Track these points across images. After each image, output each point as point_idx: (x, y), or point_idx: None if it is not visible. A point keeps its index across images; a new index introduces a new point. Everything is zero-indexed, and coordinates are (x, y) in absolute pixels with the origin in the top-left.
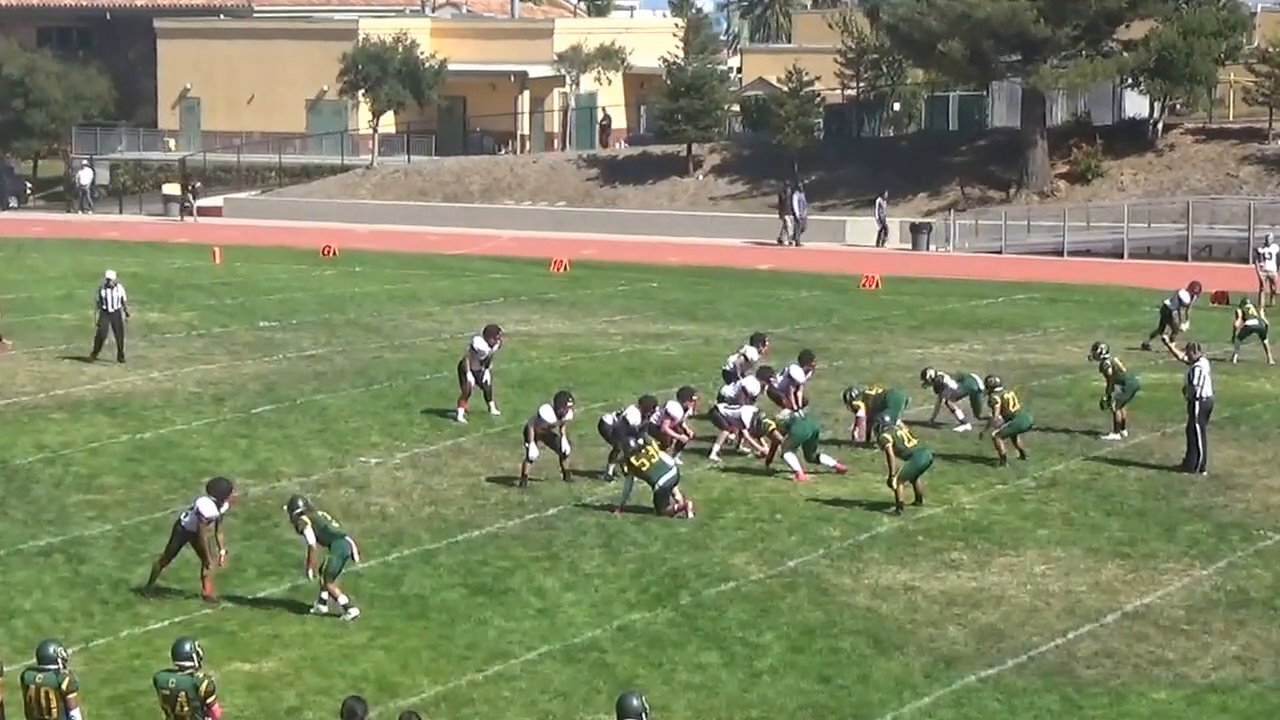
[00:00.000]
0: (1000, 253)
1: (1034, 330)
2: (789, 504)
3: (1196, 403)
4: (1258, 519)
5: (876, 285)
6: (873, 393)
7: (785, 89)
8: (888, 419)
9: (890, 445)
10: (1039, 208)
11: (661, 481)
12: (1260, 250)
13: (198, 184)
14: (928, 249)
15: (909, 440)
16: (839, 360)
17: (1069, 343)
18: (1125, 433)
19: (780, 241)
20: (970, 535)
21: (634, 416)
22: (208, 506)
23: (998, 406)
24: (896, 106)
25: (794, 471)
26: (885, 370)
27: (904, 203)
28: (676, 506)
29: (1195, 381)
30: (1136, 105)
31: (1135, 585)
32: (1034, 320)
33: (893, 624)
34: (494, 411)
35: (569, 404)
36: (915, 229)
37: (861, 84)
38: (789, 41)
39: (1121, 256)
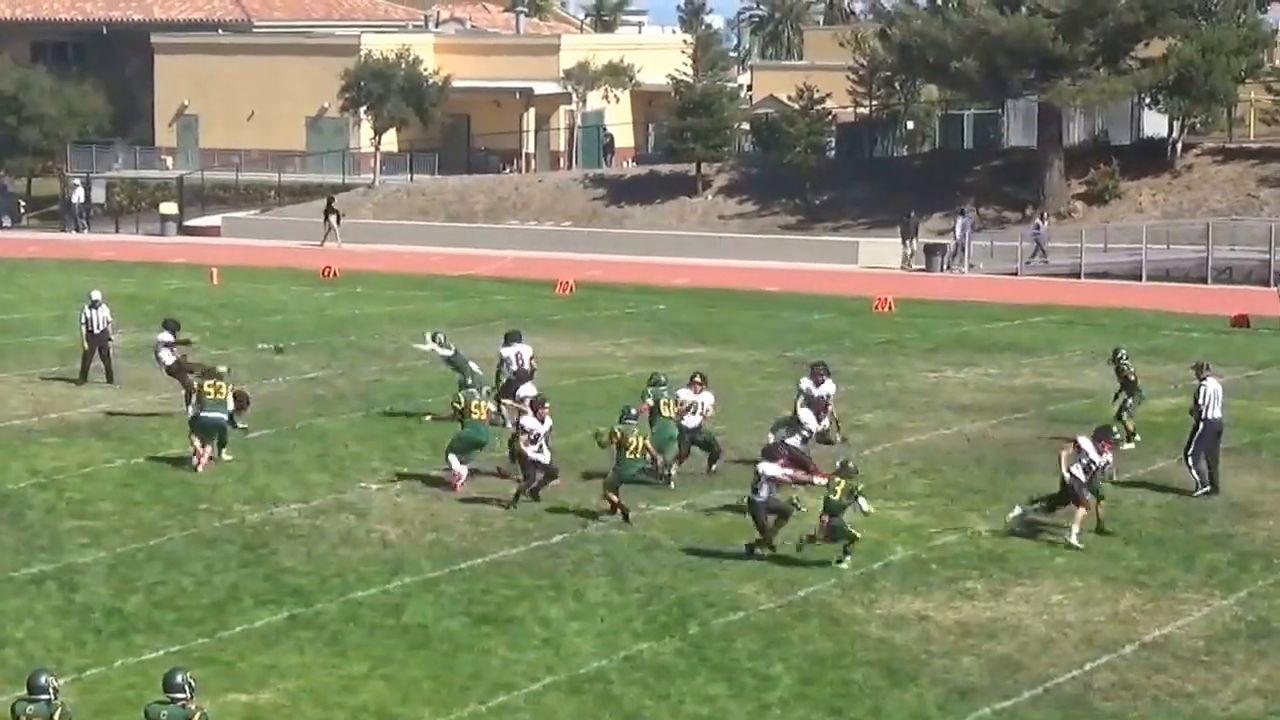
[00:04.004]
0: (1016, 274)
1: (1050, 354)
2: (799, 532)
3: (1203, 424)
4: (1279, 547)
5: (889, 308)
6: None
7: (796, 107)
8: None
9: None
10: (1056, 229)
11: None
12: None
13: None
14: (942, 270)
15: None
16: (852, 384)
17: (1086, 366)
18: (1139, 438)
19: (903, 267)
20: (985, 564)
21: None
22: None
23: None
24: (910, 125)
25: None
26: (900, 394)
27: (919, 223)
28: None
29: (1201, 401)
30: (1155, 125)
31: (1154, 615)
32: (1050, 343)
33: (906, 655)
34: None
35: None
36: (929, 250)
37: (874, 102)
38: (800, 58)
39: (1140, 279)
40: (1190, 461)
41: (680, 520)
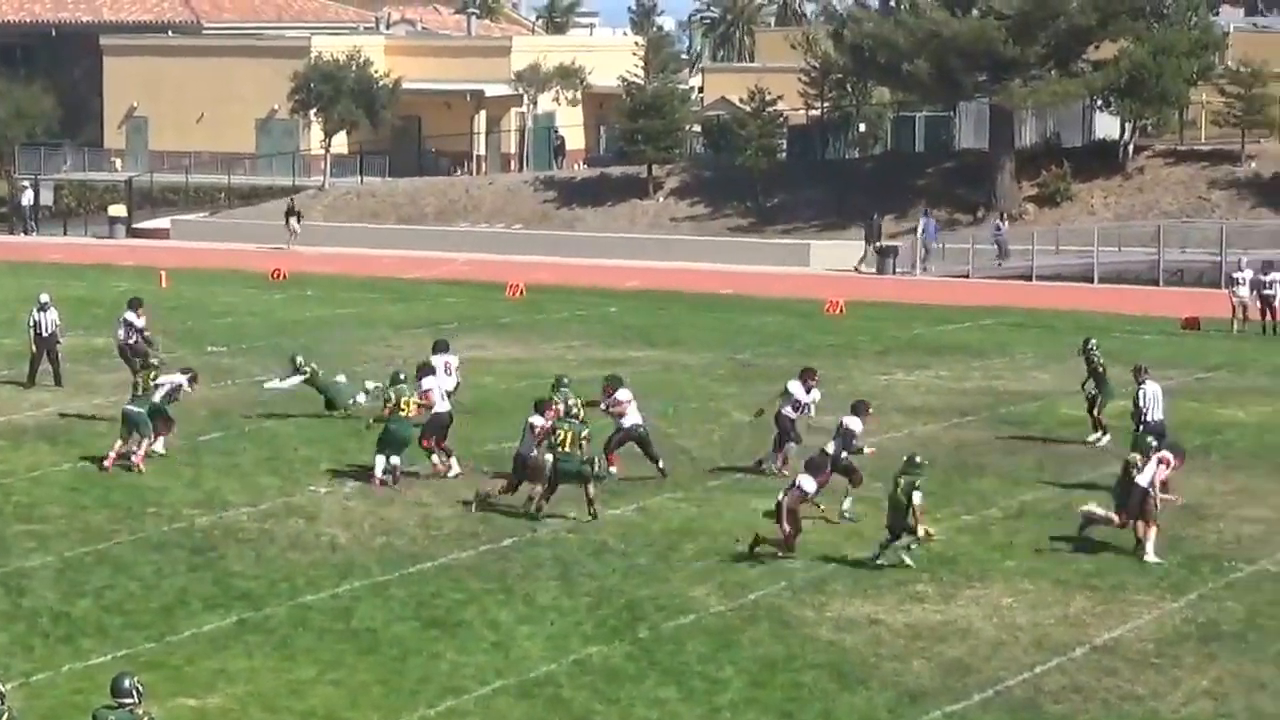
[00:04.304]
0: (968, 277)
1: (1001, 356)
2: (750, 535)
3: (1143, 426)
4: (1229, 550)
5: (841, 310)
6: None
7: (748, 109)
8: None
9: None
10: (1007, 231)
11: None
12: (1233, 275)
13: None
14: (899, 271)
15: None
16: None
17: (1037, 369)
18: (1109, 437)
19: (885, 270)
20: (936, 567)
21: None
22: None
23: None
24: (862, 127)
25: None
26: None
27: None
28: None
29: (1142, 405)
30: (1106, 127)
31: (1104, 618)
32: (1002, 346)
33: (856, 658)
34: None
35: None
36: (881, 253)
37: (826, 104)
38: (752, 60)
39: (1091, 281)
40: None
41: (630, 524)
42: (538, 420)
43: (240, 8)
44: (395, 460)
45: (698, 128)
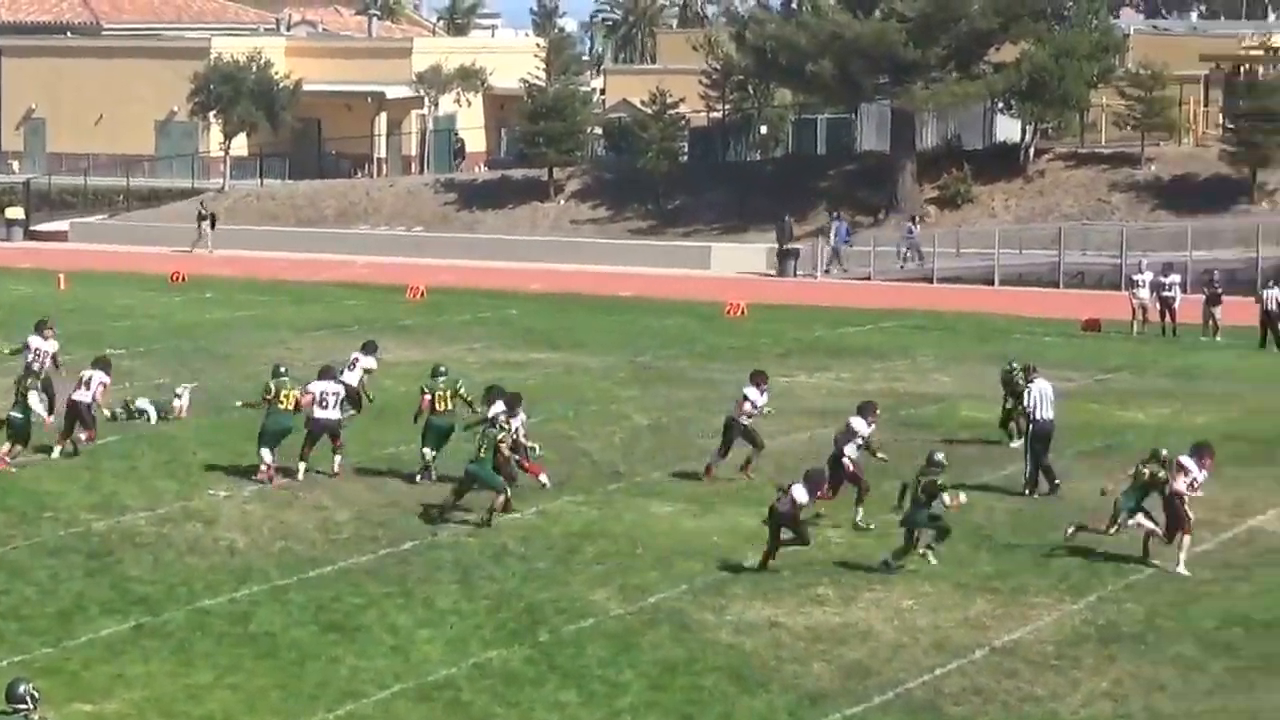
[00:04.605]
0: (869, 279)
1: (902, 358)
2: (651, 538)
3: (1032, 425)
4: (1129, 552)
5: (742, 313)
6: None
7: (649, 111)
8: None
9: None
10: (919, 233)
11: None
12: (1134, 277)
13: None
14: (795, 275)
15: None
16: (704, 390)
17: (938, 371)
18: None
19: (786, 273)
20: (836, 570)
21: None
22: None
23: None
24: (763, 129)
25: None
26: None
27: (771, 228)
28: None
29: (1029, 404)
30: (1007, 129)
31: (1004, 620)
32: (903, 348)
33: (756, 661)
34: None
35: None
36: (781, 255)
37: (727, 106)
38: (653, 62)
39: (992, 283)
40: (1035, 464)
41: (530, 527)
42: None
43: (140, 9)
44: (268, 451)
45: (599, 130)
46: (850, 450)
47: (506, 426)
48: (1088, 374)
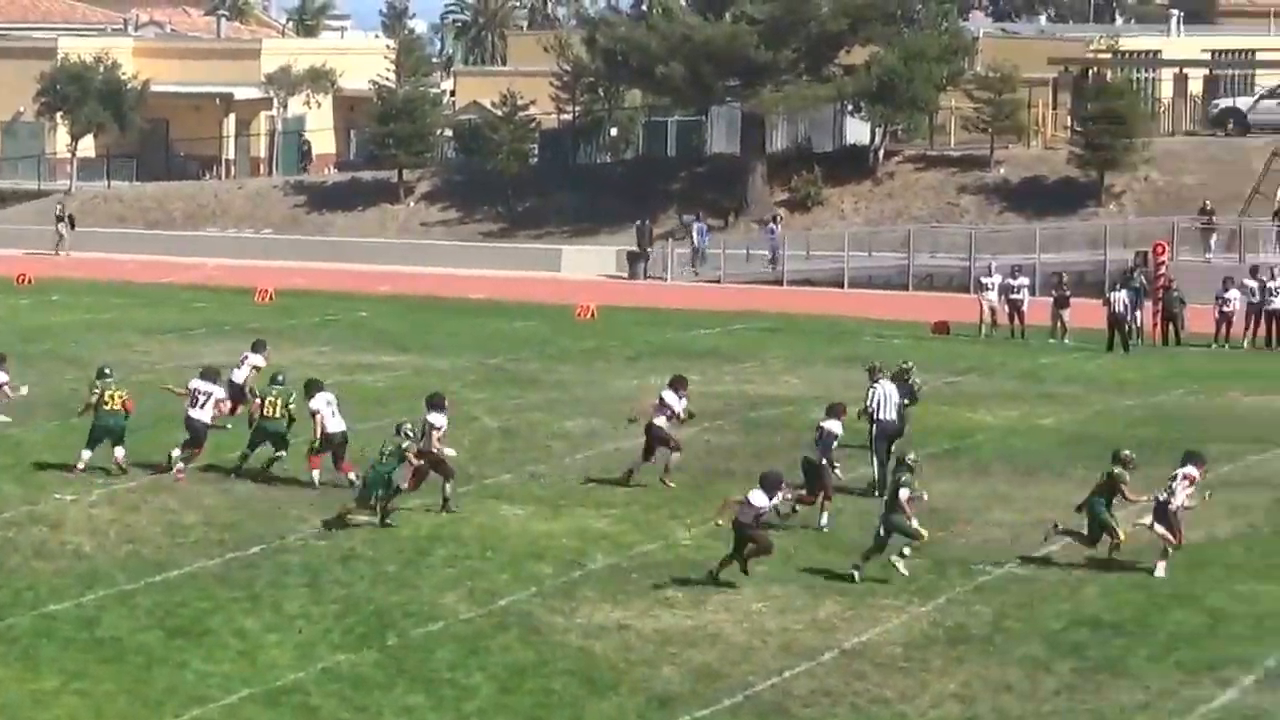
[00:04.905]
0: (719, 282)
1: (753, 360)
2: (501, 540)
3: (875, 425)
4: (977, 554)
5: (592, 315)
6: None
7: (499, 113)
8: None
9: None
10: (759, 236)
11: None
12: (982, 280)
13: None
14: (644, 278)
15: None
16: (554, 392)
17: (788, 373)
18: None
19: (645, 275)
20: (686, 572)
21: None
22: None
23: None
24: (614, 131)
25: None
26: (602, 401)
27: (621, 230)
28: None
29: (871, 404)
30: (857, 132)
31: (853, 623)
32: (753, 350)
33: (605, 664)
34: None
35: None
36: (632, 257)
37: (578, 108)
38: (504, 64)
39: (842, 286)
40: (878, 464)
41: (379, 531)
42: (435, 418)
43: None
44: (88, 451)
45: (449, 132)
46: (813, 455)
47: (413, 435)
48: (937, 376)
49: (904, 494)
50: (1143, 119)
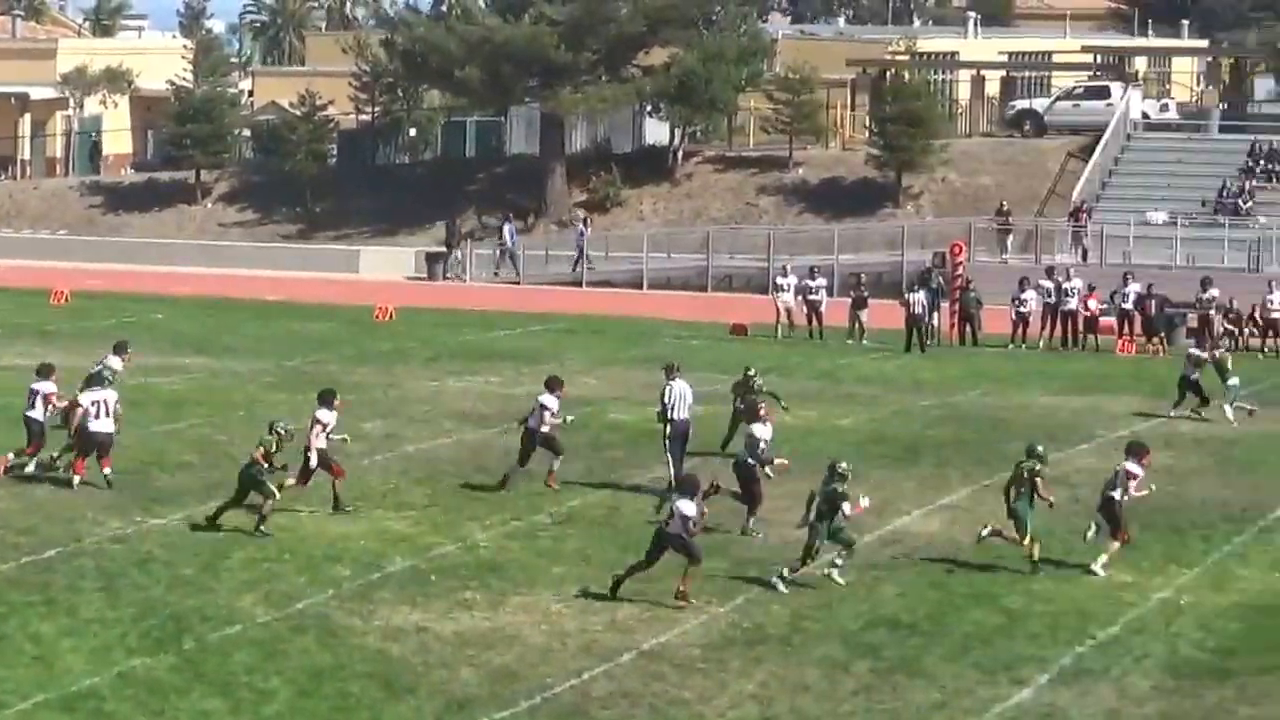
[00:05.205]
0: (518, 283)
1: (552, 362)
2: (298, 543)
3: (670, 424)
4: (775, 554)
5: (391, 317)
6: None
7: (298, 113)
8: None
9: None
10: (558, 237)
11: None
12: (778, 281)
13: None
14: (444, 279)
15: None
16: (352, 394)
17: (586, 374)
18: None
19: (445, 276)
20: (484, 574)
21: None
22: None
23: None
24: (413, 132)
25: None
26: (400, 403)
27: (420, 231)
28: None
29: (668, 402)
30: (656, 133)
31: (652, 624)
32: (552, 352)
33: (403, 666)
34: None
35: None
36: (430, 258)
37: (377, 109)
38: (303, 64)
39: (641, 287)
40: (673, 462)
41: (176, 534)
42: (324, 414)
43: None
44: None
45: (247, 132)
46: (748, 458)
47: (281, 433)
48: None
49: (848, 508)
50: (940, 120)
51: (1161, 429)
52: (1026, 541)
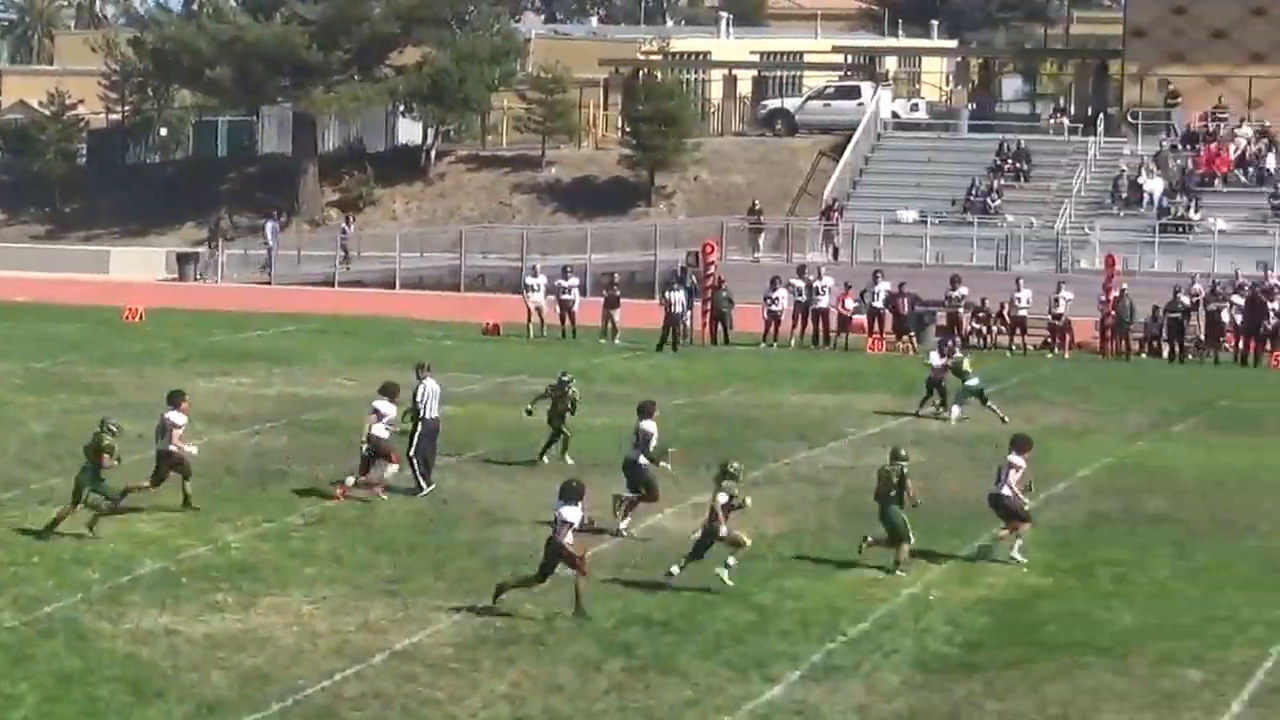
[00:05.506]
0: (270, 283)
1: (304, 363)
2: (47, 546)
3: (421, 423)
4: (528, 553)
5: (140, 318)
6: None
7: (47, 113)
8: None
9: None
10: (310, 236)
11: None
12: (528, 281)
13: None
14: (196, 279)
15: None
16: (101, 395)
17: (339, 375)
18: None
19: (198, 276)
20: (235, 576)
21: None
22: None
23: None
24: (164, 132)
25: None
26: (150, 405)
27: (172, 231)
28: None
29: (420, 400)
30: (409, 132)
31: (404, 624)
32: (304, 353)
33: (153, 670)
34: None
35: None
36: (181, 259)
37: (127, 108)
38: (51, 63)
39: (394, 286)
40: (414, 463)
41: None
42: (174, 416)
43: None
44: None
45: None
46: (638, 456)
47: (115, 430)
48: (489, 377)
49: (723, 498)
50: (692, 120)
51: (910, 427)
52: (906, 544)
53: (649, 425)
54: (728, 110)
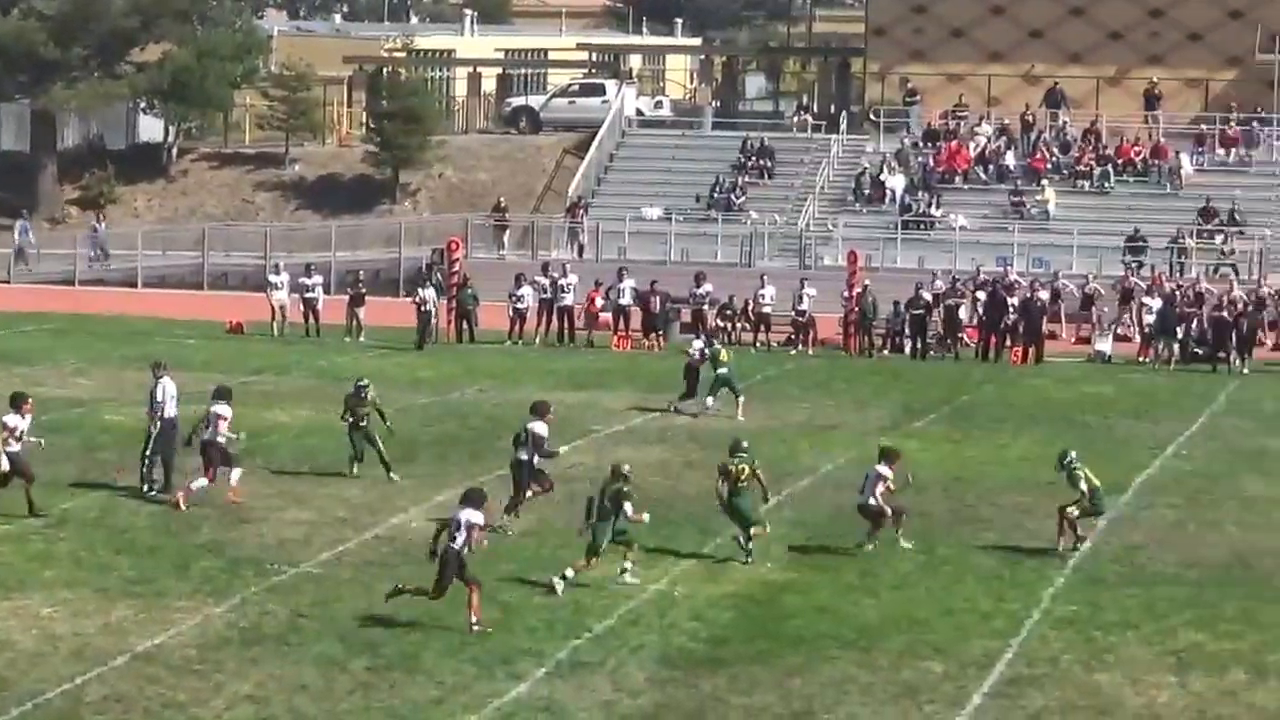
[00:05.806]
0: (9, 282)
1: (45, 363)
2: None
3: (161, 423)
4: (271, 553)
5: None
6: None
7: None
8: None
9: None
10: (50, 235)
11: None
12: (270, 278)
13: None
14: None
15: None
16: None
17: (80, 375)
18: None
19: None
20: None
21: None
22: None
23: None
24: None
25: None
26: None
27: None
28: None
29: (160, 400)
30: (150, 130)
31: (146, 625)
32: (45, 353)
33: None
34: None
35: None
36: None
37: None
38: None
39: (136, 285)
40: (145, 464)
41: None
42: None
43: None
44: None
45: None
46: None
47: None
48: (233, 376)
49: (630, 509)
50: (437, 117)
51: (655, 423)
52: (761, 530)
53: (539, 427)
54: (472, 108)
